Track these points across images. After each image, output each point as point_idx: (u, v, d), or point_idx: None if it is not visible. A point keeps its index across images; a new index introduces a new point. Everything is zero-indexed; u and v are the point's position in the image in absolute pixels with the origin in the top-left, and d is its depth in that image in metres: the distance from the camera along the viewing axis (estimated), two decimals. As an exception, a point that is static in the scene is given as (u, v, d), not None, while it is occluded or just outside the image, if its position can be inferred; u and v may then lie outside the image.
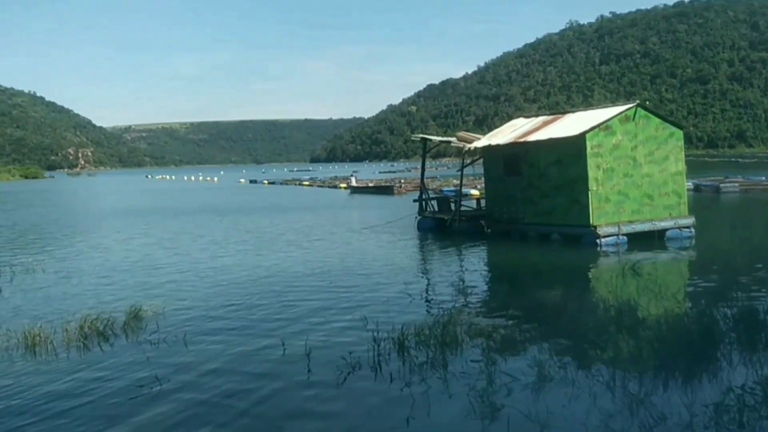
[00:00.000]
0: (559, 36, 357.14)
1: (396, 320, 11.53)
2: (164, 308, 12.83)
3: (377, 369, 9.02)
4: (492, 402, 7.73)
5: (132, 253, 22.47)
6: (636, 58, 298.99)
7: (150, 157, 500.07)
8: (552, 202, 21.77)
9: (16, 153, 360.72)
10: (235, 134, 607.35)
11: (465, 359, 9.26)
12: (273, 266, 18.63)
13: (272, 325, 11.90)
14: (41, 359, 10.06)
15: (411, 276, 16.99)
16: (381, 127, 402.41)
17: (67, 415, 7.82)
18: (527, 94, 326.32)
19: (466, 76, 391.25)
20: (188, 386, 8.66)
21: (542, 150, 22.01)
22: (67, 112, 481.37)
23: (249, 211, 42.29)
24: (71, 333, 11.03)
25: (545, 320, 11.16)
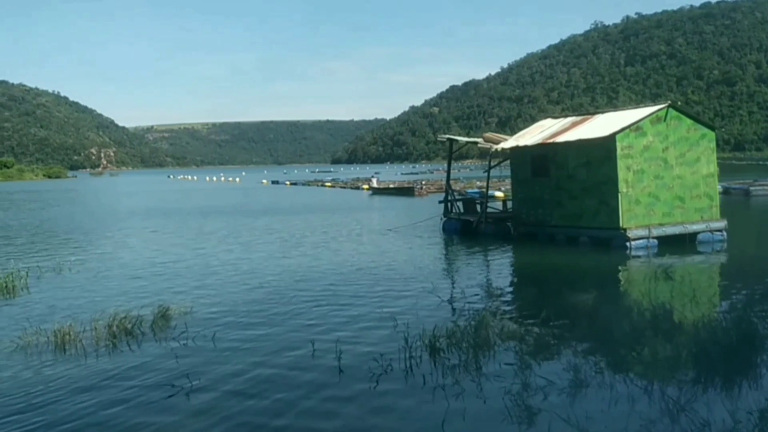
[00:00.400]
0: (584, 37, 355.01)
1: (425, 322, 11.41)
2: (192, 308, 12.78)
3: (409, 371, 8.90)
4: (529, 406, 7.57)
5: (159, 253, 22.50)
6: (662, 59, 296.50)
7: (171, 158, 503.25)
8: (580, 205, 21.49)
9: (40, 153, 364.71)
10: (257, 135, 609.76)
11: (498, 362, 9.11)
12: (300, 267, 18.56)
13: (300, 325, 11.81)
14: (71, 358, 10.01)
15: (438, 278, 16.86)
16: (403, 128, 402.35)
17: (100, 414, 7.77)
18: (551, 95, 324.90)
19: (489, 77, 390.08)
20: (219, 387, 8.57)
21: (571, 151, 21.74)
22: (90, 112, 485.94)
23: (274, 212, 42.20)
24: (100, 332, 11.02)
25: (578, 323, 10.98)
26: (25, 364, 9.75)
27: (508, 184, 27.86)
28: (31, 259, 21.43)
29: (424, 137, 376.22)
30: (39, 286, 16.31)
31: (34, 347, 10.48)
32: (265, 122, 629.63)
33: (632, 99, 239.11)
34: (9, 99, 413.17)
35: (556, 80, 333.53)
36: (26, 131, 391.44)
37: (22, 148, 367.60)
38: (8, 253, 23.14)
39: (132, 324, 11.36)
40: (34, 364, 9.76)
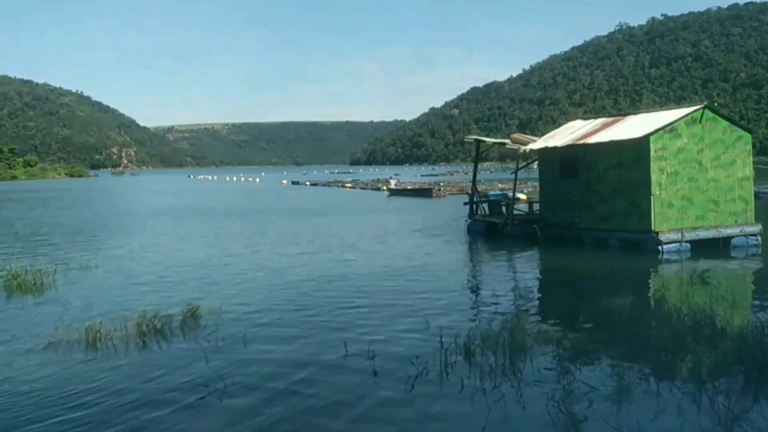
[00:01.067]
0: (608, 39, 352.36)
1: (458, 325, 11.27)
2: (221, 307, 12.58)
3: (445, 374, 8.66)
4: (573, 413, 7.29)
5: (186, 252, 22.34)
6: (687, 61, 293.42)
7: (191, 158, 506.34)
8: (611, 207, 21.13)
9: (62, 152, 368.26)
10: (276, 135, 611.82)
11: (536, 367, 8.85)
12: (328, 267, 18.31)
13: (331, 326, 11.61)
14: (103, 356, 9.85)
15: (467, 280, 16.68)
16: (422, 130, 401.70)
17: (134, 415, 7.58)
18: (573, 97, 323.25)
19: (511, 79, 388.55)
20: (252, 389, 8.37)
21: (602, 152, 21.37)
22: (112, 112, 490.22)
23: (298, 213, 41.83)
24: (130, 330, 10.87)
25: (616, 328, 10.67)
26: (58, 362, 9.59)
27: (530, 186, 27.63)
28: (58, 256, 21.34)
29: (443, 139, 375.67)
30: (66, 284, 16.19)
31: (65, 345, 10.33)
32: (284, 123, 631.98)
33: (656, 102, 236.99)
34: (33, 98, 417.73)
35: (579, 82, 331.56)
36: (49, 130, 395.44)
37: (45, 147, 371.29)
38: (34, 250, 23.08)
39: (162, 323, 11.22)
40: (66, 362, 9.60)
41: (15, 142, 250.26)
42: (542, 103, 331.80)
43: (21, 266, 16.61)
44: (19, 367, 9.35)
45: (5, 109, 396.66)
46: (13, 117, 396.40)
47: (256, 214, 41.20)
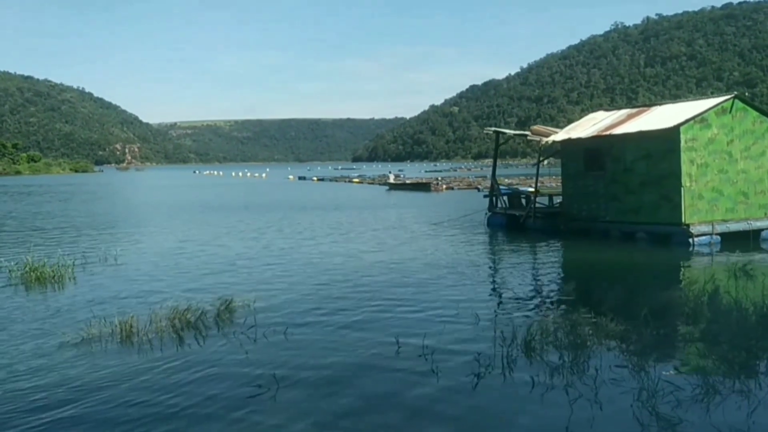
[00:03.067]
0: (604, 38, 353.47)
1: (505, 319, 10.87)
2: (255, 301, 12.00)
3: (508, 371, 8.11)
4: (661, 414, 6.70)
5: (206, 246, 21.62)
6: (682, 60, 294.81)
7: (194, 154, 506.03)
8: (638, 199, 20.57)
9: (65, 147, 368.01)
10: (278, 132, 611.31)
11: (605, 363, 8.26)
12: (356, 261, 17.72)
13: (373, 319, 11.06)
14: (139, 353, 9.31)
15: (500, 273, 16.08)
16: (423, 127, 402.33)
17: (185, 415, 7.06)
18: (570, 96, 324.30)
19: (509, 77, 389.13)
20: (305, 385, 7.84)
21: (629, 144, 20.82)
22: (114, 108, 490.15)
23: (313, 207, 40.81)
24: (161, 325, 10.32)
25: (676, 323, 10.10)
26: (94, 357, 9.06)
27: (538, 182, 27.16)
28: (76, 248, 20.76)
29: (443, 136, 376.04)
30: (85, 278, 15.65)
31: (98, 340, 9.79)
32: (286, 120, 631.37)
33: (651, 100, 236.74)
34: (35, 94, 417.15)
35: (576, 81, 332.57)
36: (51, 126, 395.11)
37: (47, 143, 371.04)
38: (51, 243, 22.54)
39: (195, 317, 10.69)
40: (102, 358, 9.06)
41: (17, 138, 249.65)
42: (540, 101, 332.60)
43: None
44: (56, 364, 8.82)
45: (6, 105, 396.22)
46: (15, 113, 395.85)
47: (273, 209, 40.11)
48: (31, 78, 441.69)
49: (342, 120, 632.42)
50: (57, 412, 7.14)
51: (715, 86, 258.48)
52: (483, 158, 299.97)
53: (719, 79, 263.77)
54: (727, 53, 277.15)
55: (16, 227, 30.42)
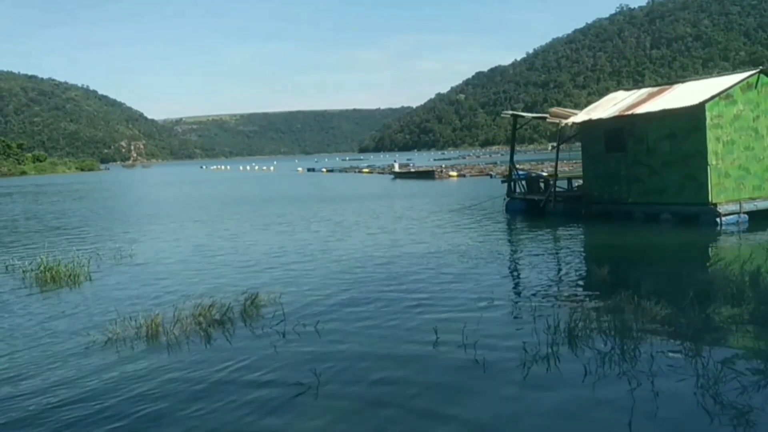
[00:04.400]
0: (609, 20, 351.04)
1: (542, 306, 10.46)
2: (281, 295, 11.60)
3: (555, 361, 7.70)
4: (728, 402, 6.29)
5: (219, 240, 21.26)
6: (687, 41, 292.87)
7: (200, 149, 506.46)
8: (663, 180, 20.06)
9: (70, 146, 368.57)
10: (284, 125, 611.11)
11: (656, 349, 7.85)
12: (381, 251, 17.21)
13: (403, 310, 10.65)
14: (169, 351, 8.98)
15: (528, 259, 15.50)
16: (429, 115, 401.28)
17: (218, 415, 6.71)
18: (577, 80, 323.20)
19: (515, 63, 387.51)
20: (347, 383, 7.44)
21: (652, 123, 20.28)
22: (119, 106, 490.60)
23: (330, 199, 40.04)
24: (187, 322, 9.94)
25: (724, 305, 9.61)
26: (122, 357, 8.73)
27: (549, 165, 26.64)
28: (91, 246, 20.43)
29: (450, 124, 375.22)
30: (101, 275, 15.32)
31: (125, 339, 9.44)
32: (292, 112, 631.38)
33: (658, 82, 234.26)
34: (39, 94, 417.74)
35: (582, 64, 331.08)
36: (56, 125, 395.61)
37: (52, 142, 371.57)
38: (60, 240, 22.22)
39: (221, 313, 10.30)
40: (131, 357, 8.73)
41: (22, 138, 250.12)
42: (547, 86, 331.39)
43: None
44: (85, 365, 8.49)
45: (11, 105, 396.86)
46: (19, 113, 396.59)
47: (288, 201, 39.50)
48: (35, 77, 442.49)
49: (348, 111, 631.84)
50: (91, 414, 6.85)
51: (721, 66, 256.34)
52: (491, 145, 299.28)
53: (725, 59, 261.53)
54: (733, 33, 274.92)
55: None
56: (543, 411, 6.49)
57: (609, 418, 6.21)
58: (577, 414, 6.38)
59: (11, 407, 7.14)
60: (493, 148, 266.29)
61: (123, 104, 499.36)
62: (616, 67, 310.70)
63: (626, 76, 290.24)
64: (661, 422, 6.06)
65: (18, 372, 8.35)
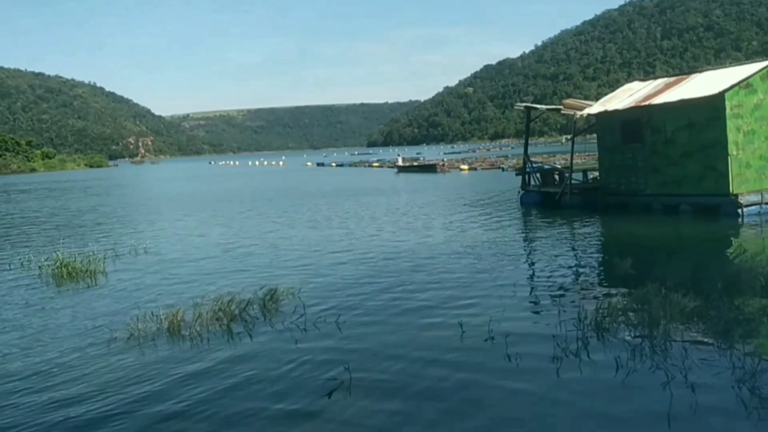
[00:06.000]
0: (619, 12, 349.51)
1: (565, 299, 10.36)
2: (300, 289, 11.45)
3: (585, 354, 7.57)
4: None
5: (239, 235, 21.06)
6: (699, 31, 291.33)
7: (208, 145, 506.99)
8: (681, 170, 19.83)
9: (78, 143, 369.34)
10: (292, 120, 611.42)
11: (687, 342, 7.68)
12: (397, 245, 17.02)
13: (425, 304, 10.51)
14: (192, 346, 8.87)
15: (547, 251, 15.24)
16: (438, 109, 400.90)
17: (256, 412, 6.57)
18: (586, 72, 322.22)
19: (524, 55, 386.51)
20: (377, 379, 7.30)
21: (669, 113, 20.04)
22: (126, 102, 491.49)
23: (341, 193, 39.59)
24: (207, 317, 9.81)
25: (754, 297, 9.42)
26: (145, 353, 8.63)
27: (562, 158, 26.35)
28: (107, 241, 20.33)
29: (459, 118, 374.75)
30: (117, 270, 15.23)
31: (146, 335, 9.33)
32: (299, 107, 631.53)
33: (669, 73, 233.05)
34: (46, 91, 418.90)
35: (592, 56, 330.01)
36: (64, 122, 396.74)
37: (60, 139, 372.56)
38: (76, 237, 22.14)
39: (240, 308, 10.17)
40: (154, 353, 8.63)
41: (30, 135, 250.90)
42: (556, 79, 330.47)
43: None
44: (110, 361, 8.40)
45: (18, 103, 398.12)
46: (27, 110, 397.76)
47: (301, 196, 39.02)
48: (42, 74, 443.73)
49: (356, 105, 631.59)
50: (121, 409, 6.77)
51: (733, 56, 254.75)
52: (500, 138, 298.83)
53: (738, 49, 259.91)
54: (745, 23, 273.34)
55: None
56: (579, 406, 6.32)
57: (648, 413, 6.04)
58: (615, 410, 6.21)
59: (38, 404, 7.05)
60: (503, 141, 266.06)
61: (130, 101, 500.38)
62: (627, 59, 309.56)
63: (637, 67, 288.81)
64: (701, 416, 5.91)
65: (45, 368, 8.26)
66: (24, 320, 10.96)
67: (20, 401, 7.17)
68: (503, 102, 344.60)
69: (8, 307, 12.01)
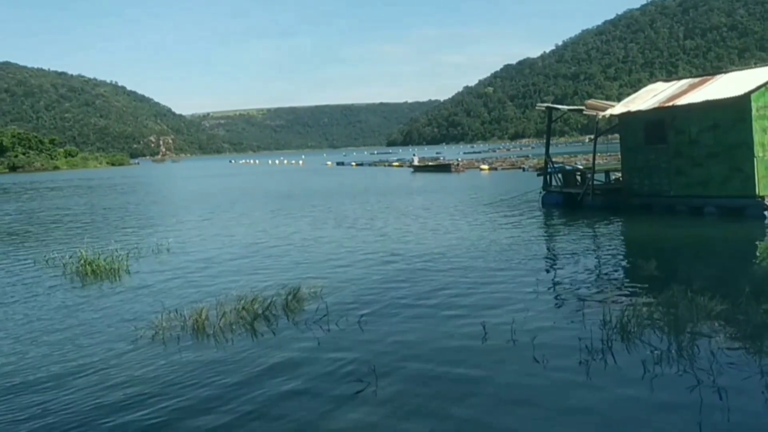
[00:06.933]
0: (641, 11, 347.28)
1: (589, 301, 10.29)
2: (322, 289, 11.47)
3: (610, 358, 7.48)
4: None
5: (263, 234, 21.04)
6: (722, 31, 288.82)
7: (228, 144, 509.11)
8: (706, 172, 19.63)
9: (100, 142, 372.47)
10: (311, 119, 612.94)
11: (714, 347, 7.59)
12: (419, 246, 16.90)
13: (447, 304, 10.47)
14: (216, 345, 8.91)
15: (571, 253, 15.07)
16: (457, 109, 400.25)
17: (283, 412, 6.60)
18: (607, 72, 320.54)
19: (544, 55, 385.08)
20: (401, 377, 7.30)
21: (694, 114, 19.86)
22: (147, 101, 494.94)
23: (364, 193, 39.47)
24: (230, 316, 9.85)
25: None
26: (171, 351, 8.67)
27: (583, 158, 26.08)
28: (131, 239, 20.46)
29: (479, 117, 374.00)
30: (141, 268, 15.33)
31: (171, 333, 9.38)
32: (319, 106, 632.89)
33: (692, 73, 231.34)
34: (69, 90, 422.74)
35: (613, 56, 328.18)
36: (86, 121, 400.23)
37: (83, 137, 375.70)
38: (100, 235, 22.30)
39: (263, 307, 10.20)
40: (179, 351, 8.66)
41: (53, 134, 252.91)
42: (577, 78, 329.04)
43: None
44: (136, 359, 8.47)
45: (42, 102, 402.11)
46: (50, 109, 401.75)
47: (325, 196, 38.90)
48: (64, 74, 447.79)
49: (375, 105, 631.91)
50: (146, 407, 6.84)
51: (758, 57, 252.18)
52: (520, 138, 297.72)
53: (762, 48, 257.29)
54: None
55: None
56: (608, 409, 6.28)
57: (677, 418, 5.98)
58: (644, 414, 6.16)
59: (70, 400, 7.12)
60: (523, 141, 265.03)
61: (151, 100, 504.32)
62: (649, 59, 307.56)
63: (659, 67, 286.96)
64: (732, 421, 5.83)
65: (75, 365, 8.34)
66: (49, 317, 11.05)
67: (47, 397, 7.24)
68: (523, 102, 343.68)
69: (33, 304, 12.11)
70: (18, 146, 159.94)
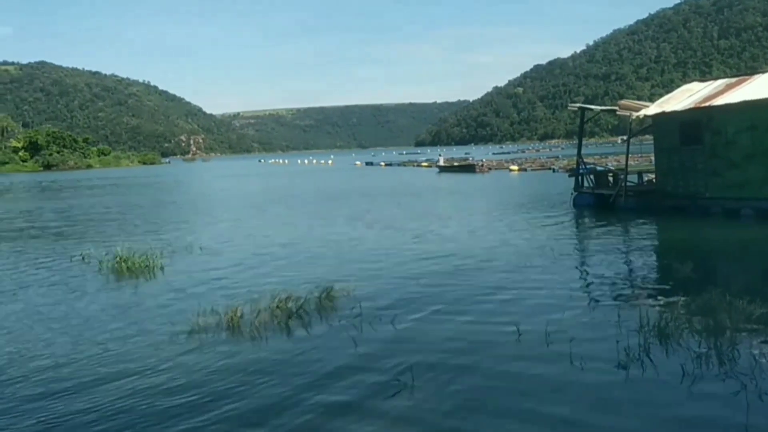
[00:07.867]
0: (674, 11, 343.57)
1: (625, 303, 10.21)
2: (355, 289, 11.47)
3: (647, 361, 7.40)
4: None
5: (294, 235, 20.89)
6: (758, 30, 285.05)
7: (258, 143, 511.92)
8: (743, 173, 19.35)
9: (132, 140, 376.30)
10: (341, 119, 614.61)
11: (756, 351, 7.46)
12: (451, 246, 16.74)
13: (480, 306, 10.42)
14: (253, 343, 8.95)
15: (604, 255, 14.88)
16: (486, 109, 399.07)
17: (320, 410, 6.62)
18: (639, 72, 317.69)
19: (575, 55, 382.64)
20: (437, 378, 7.28)
21: (731, 115, 19.60)
22: (179, 101, 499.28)
23: (393, 194, 39.06)
24: (265, 315, 9.87)
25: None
26: (206, 349, 8.72)
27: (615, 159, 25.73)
28: (162, 237, 20.67)
29: (508, 118, 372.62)
30: (172, 266, 15.38)
31: (207, 331, 9.41)
32: (348, 106, 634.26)
33: (726, 73, 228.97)
34: (102, 89, 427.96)
35: (645, 56, 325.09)
36: (119, 120, 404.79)
37: (115, 136, 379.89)
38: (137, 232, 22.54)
39: (297, 306, 10.23)
40: (215, 349, 8.71)
41: (87, 133, 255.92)
42: (608, 79, 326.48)
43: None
44: (173, 355, 8.53)
45: (76, 101, 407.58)
46: (84, 108, 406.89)
47: (353, 195, 38.89)
48: (98, 73, 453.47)
49: (404, 105, 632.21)
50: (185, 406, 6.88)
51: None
52: (549, 139, 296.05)
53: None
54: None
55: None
56: (650, 413, 6.20)
57: (722, 422, 5.91)
58: (686, 417, 6.09)
59: (111, 396, 7.20)
60: (552, 141, 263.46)
61: (182, 99, 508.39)
62: (682, 59, 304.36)
63: (692, 67, 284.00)
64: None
65: (116, 359, 8.46)
66: (86, 312, 11.18)
67: (86, 391, 7.36)
68: (553, 102, 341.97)
69: (71, 301, 12.23)
70: (53, 145, 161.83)
